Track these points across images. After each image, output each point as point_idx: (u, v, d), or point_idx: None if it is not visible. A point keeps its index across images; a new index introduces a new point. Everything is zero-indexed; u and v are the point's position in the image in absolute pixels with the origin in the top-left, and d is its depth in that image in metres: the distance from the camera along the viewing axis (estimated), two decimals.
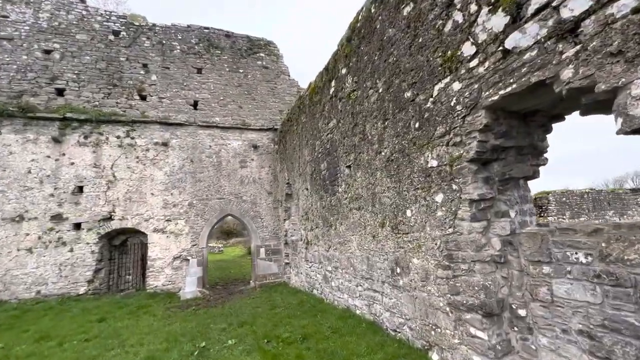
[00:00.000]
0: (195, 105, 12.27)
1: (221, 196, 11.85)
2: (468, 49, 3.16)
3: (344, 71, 6.23)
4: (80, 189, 10.38)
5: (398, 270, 4.46)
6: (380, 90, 4.87)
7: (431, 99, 3.72)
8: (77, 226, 10.15)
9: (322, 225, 7.62)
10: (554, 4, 2.36)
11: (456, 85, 3.34)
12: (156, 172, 11.22)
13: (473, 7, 3.10)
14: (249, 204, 12.17)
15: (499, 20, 2.80)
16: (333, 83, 6.78)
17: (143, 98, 11.65)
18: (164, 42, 12.27)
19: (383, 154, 4.80)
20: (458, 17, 3.29)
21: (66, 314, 8.06)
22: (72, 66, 11.00)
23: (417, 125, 4.00)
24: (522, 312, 2.93)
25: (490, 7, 2.89)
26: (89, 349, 5.40)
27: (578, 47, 2.21)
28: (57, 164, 10.27)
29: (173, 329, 6.27)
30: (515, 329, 3.01)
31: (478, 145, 3.10)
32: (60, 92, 10.78)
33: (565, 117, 3.23)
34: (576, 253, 2.41)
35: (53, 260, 9.71)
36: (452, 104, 3.40)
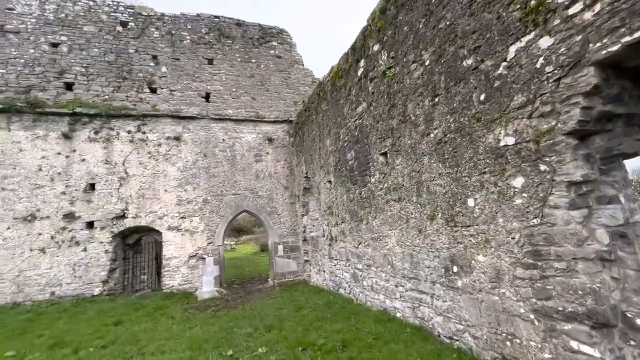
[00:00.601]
0: (207, 97, 11.76)
1: (236, 192, 11.36)
2: None
3: (376, 48, 5.59)
4: (92, 187, 10.00)
5: (455, 269, 3.85)
6: (427, 63, 4.23)
7: (504, 64, 3.08)
8: (90, 225, 9.78)
9: (349, 220, 7.04)
10: None
11: (544, 42, 2.69)
12: (169, 168, 10.78)
13: None
14: (265, 199, 11.65)
15: None
16: (362, 63, 6.15)
17: (153, 91, 11.19)
18: (173, 32, 11.77)
19: (432, 135, 4.17)
20: None
21: (81, 316, 7.69)
22: (81, 59, 10.59)
23: (482, 97, 3.36)
24: None
25: None
26: (107, 357, 4.94)
27: None
28: (67, 160, 9.89)
29: (195, 334, 5.79)
30: (632, 343, 2.39)
31: (581, 113, 2.45)
32: (69, 87, 10.38)
33: None
34: None
35: (67, 260, 9.37)
36: (537, 65, 2.76)
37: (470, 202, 3.55)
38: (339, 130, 7.47)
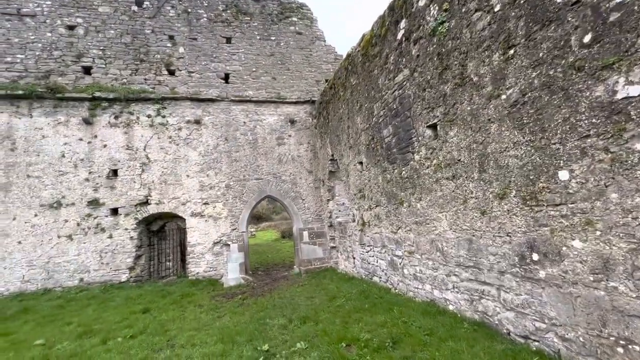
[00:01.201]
0: (226, 78, 11.24)
1: (259, 176, 10.93)
2: None
3: (422, 3, 4.81)
4: (114, 173, 9.82)
5: (535, 256, 3.19)
6: (497, 8, 3.46)
7: None
8: (115, 211, 9.64)
9: (385, 203, 6.42)
10: None
11: None
12: (190, 153, 10.44)
13: None
14: (288, 184, 11.17)
15: None
16: (402, 24, 5.38)
17: (171, 73, 10.76)
18: (189, 10, 11.21)
19: (503, 97, 3.44)
20: None
21: (110, 303, 7.57)
22: (97, 42, 10.25)
23: (586, 39, 2.60)
24: None
25: None
26: (135, 348, 4.65)
27: None
28: (89, 146, 9.71)
29: (225, 325, 5.44)
30: None
31: None
32: (87, 71, 10.10)
33: None
34: None
35: (93, 247, 9.30)
36: None
37: (563, 174, 2.85)
38: (372, 105, 6.77)
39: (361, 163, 7.65)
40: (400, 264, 6.02)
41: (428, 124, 4.85)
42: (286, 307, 6.20)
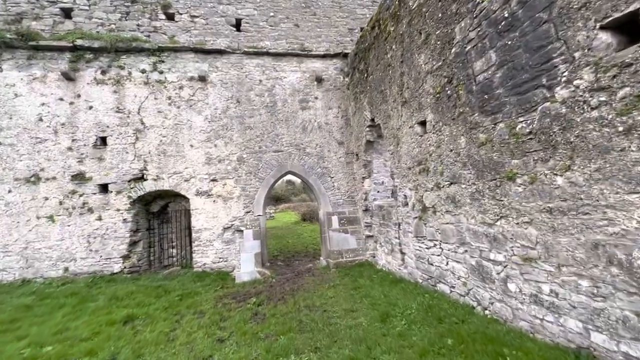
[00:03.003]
0: (237, 25, 9.00)
1: (278, 148, 8.84)
2: None
3: None
4: (103, 141, 8.00)
5: None
6: None
7: None
8: (104, 188, 7.90)
9: (471, 178, 4.16)
10: None
11: None
12: (194, 117, 8.45)
13: None
14: (314, 157, 9.03)
15: None
16: None
17: (170, 17, 8.63)
18: None
19: None
20: None
21: (89, 304, 5.89)
22: None
23: None
24: None
25: None
26: None
27: None
28: (72, 108, 7.89)
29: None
30: None
31: None
32: (67, 14, 8.13)
33: None
34: None
35: (79, 230, 7.66)
36: None
37: None
38: (449, 28, 4.39)
39: (423, 123, 5.34)
40: (499, 273, 3.82)
41: (604, 23, 2.48)
42: (319, 331, 4.21)
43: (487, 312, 4.07)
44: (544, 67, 3.02)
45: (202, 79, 8.50)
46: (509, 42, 3.41)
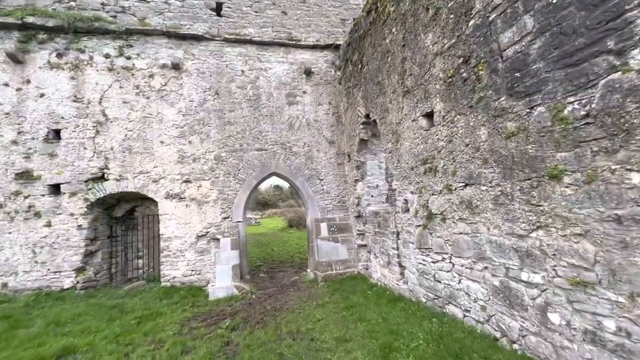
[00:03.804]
0: (218, 9, 8.10)
1: (261, 146, 7.91)
2: None
3: None
4: (56, 134, 6.90)
5: None
6: None
7: None
8: (56, 189, 6.77)
9: (495, 178, 3.36)
10: None
11: None
12: (166, 110, 7.44)
13: None
14: (301, 157, 8.14)
15: None
16: None
17: None
18: None
19: None
20: None
21: (19, 332, 4.76)
22: None
23: None
24: None
25: None
26: None
27: None
28: (19, 95, 6.77)
29: None
30: None
31: None
32: None
33: None
34: None
35: (23, 239, 6.49)
36: None
37: None
38: (462, 6, 3.62)
39: (429, 115, 4.55)
40: (534, 299, 3.00)
41: None
42: None
43: (515, 346, 3.23)
44: (610, 25, 2.25)
45: (176, 67, 7.52)
46: (554, 0, 2.64)
